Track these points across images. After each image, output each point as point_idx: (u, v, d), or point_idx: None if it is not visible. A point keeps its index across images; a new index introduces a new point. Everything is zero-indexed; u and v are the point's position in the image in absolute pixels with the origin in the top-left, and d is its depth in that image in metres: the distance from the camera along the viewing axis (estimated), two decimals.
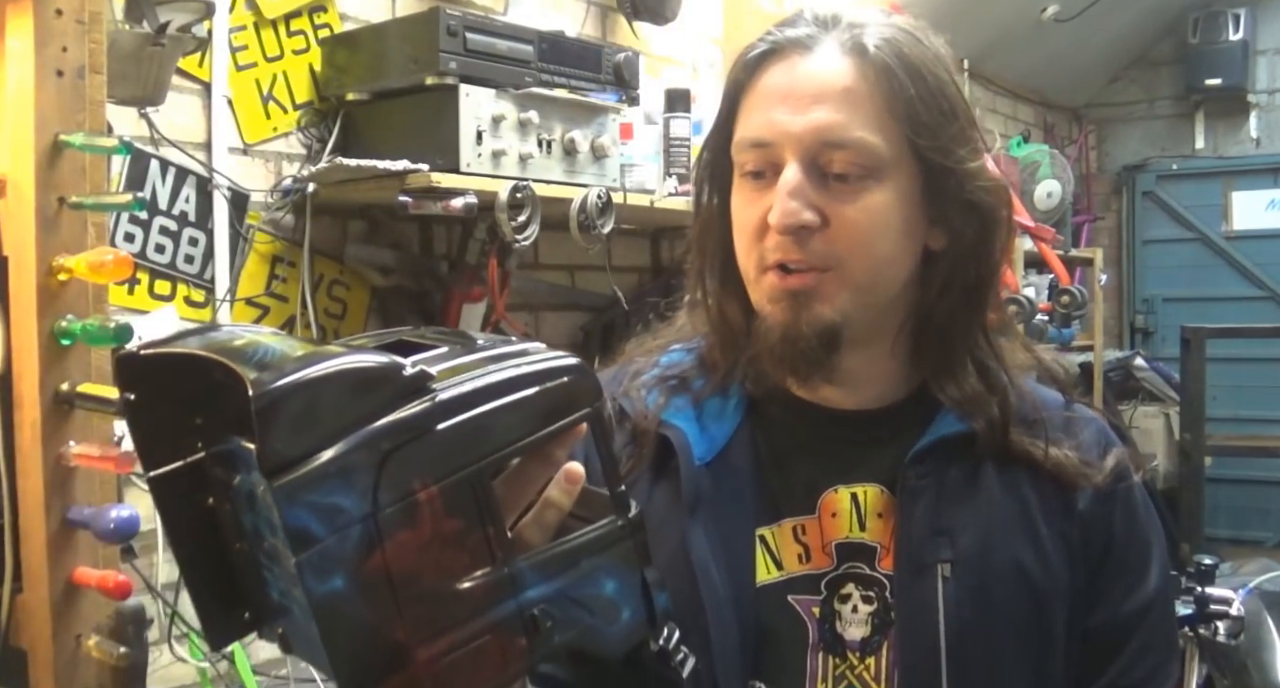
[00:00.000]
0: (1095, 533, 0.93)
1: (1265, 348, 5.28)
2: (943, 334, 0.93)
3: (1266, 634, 2.14)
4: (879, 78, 0.87)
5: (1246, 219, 5.63)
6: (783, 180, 0.86)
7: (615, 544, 0.69)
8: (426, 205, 1.96)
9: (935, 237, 0.91)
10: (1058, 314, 3.92)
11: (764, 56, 0.90)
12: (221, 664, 1.92)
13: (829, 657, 0.90)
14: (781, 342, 0.88)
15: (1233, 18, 5.42)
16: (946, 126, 0.88)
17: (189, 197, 1.98)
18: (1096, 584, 0.93)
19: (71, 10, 1.38)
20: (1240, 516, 5.35)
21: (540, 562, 0.65)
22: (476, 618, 0.62)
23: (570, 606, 0.66)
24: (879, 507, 0.92)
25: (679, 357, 0.99)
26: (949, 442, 0.91)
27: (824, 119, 0.86)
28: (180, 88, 1.94)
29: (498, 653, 0.63)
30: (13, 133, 1.37)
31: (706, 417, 0.94)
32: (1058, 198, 4.43)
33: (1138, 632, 0.94)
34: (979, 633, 0.88)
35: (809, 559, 0.92)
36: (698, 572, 0.88)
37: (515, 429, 0.64)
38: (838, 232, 0.86)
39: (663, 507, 0.91)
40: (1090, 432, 0.97)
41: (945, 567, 0.88)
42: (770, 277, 0.88)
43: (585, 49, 2.28)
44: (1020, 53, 4.85)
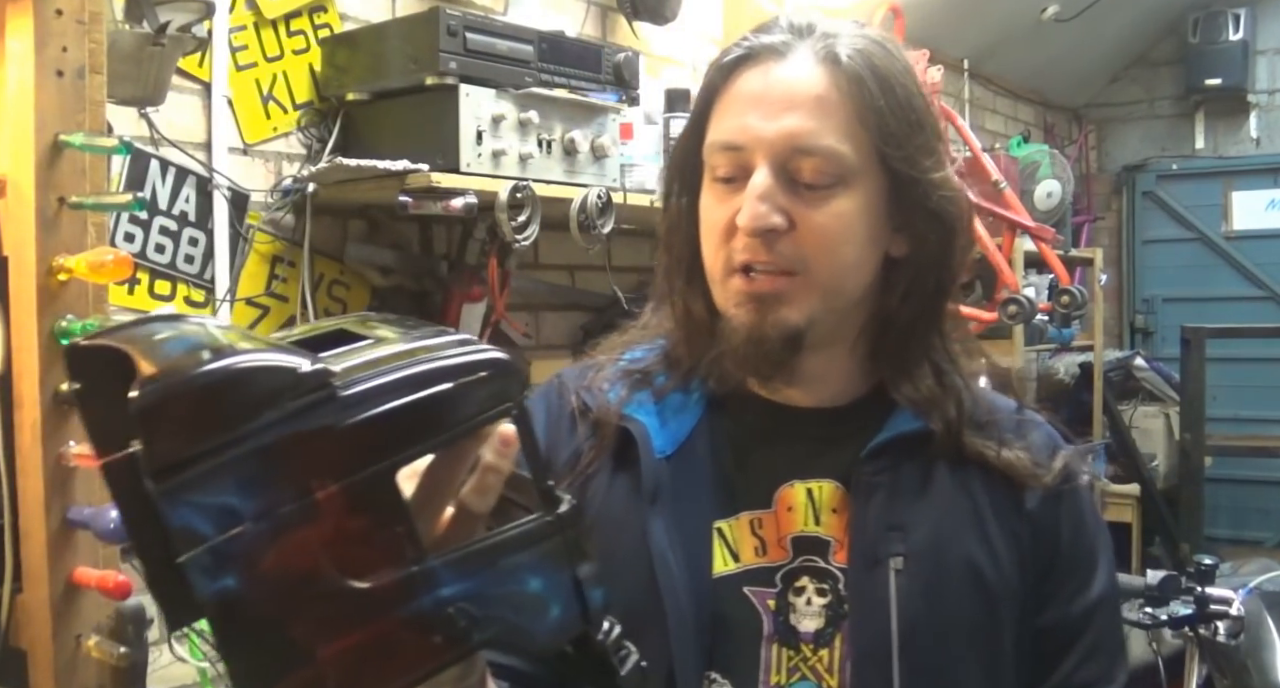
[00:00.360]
0: (1044, 533, 0.96)
1: (1265, 348, 5.28)
2: (902, 338, 0.95)
3: (1266, 634, 2.14)
4: (850, 87, 0.89)
5: (1246, 219, 5.63)
6: (752, 183, 0.88)
7: (540, 541, 0.67)
8: (426, 205, 1.96)
9: (898, 244, 0.94)
10: (1058, 314, 3.91)
11: (739, 61, 0.92)
12: (221, 664, 1.91)
13: (783, 648, 0.92)
14: (746, 343, 0.90)
15: (1233, 18, 5.42)
16: (913, 137, 0.91)
17: (189, 196, 1.98)
18: (1046, 585, 0.95)
19: (71, 10, 1.38)
20: (1240, 516, 5.35)
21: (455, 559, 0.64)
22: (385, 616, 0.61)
23: (490, 604, 0.65)
24: (834, 502, 0.94)
25: (643, 353, 1.01)
26: (904, 440, 0.94)
27: (795, 125, 0.88)
28: (180, 88, 1.94)
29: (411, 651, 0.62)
30: (13, 133, 1.37)
31: (668, 411, 0.96)
32: (1058, 198, 4.43)
33: (1086, 633, 0.96)
34: (930, 627, 0.90)
35: (765, 552, 0.94)
36: (656, 563, 0.90)
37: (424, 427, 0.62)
38: (804, 236, 0.89)
39: (623, 498, 0.93)
40: (1040, 434, 1.00)
41: (897, 561, 0.90)
42: (736, 279, 0.90)
43: (585, 49, 2.28)
44: (1020, 53, 4.85)
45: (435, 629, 0.63)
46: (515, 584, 0.66)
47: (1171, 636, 2.23)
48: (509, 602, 0.66)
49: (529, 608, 0.67)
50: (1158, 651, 2.26)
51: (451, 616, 0.63)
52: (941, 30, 4.21)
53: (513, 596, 0.66)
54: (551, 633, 0.68)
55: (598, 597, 0.69)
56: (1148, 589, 2.17)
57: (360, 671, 0.61)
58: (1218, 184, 5.69)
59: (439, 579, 0.63)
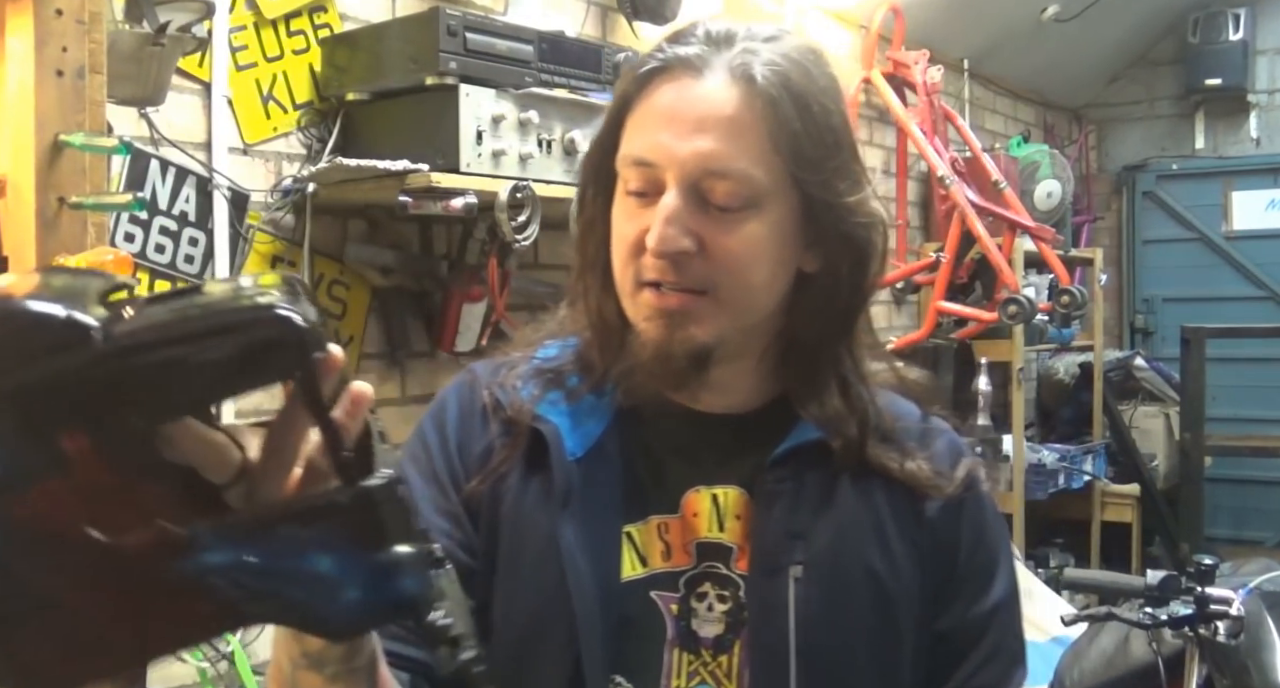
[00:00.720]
0: (944, 541, 0.96)
1: (1265, 348, 5.27)
2: (809, 354, 0.96)
3: (1266, 634, 2.13)
4: (765, 109, 0.87)
5: (1246, 219, 5.63)
6: (662, 205, 0.87)
7: (333, 516, 0.63)
8: (426, 205, 1.96)
9: (808, 260, 0.93)
10: (1058, 314, 3.91)
11: (654, 73, 0.90)
12: (221, 664, 1.92)
13: (684, 653, 0.93)
14: (654, 359, 0.90)
15: (1233, 18, 5.42)
16: (829, 160, 0.90)
17: (189, 197, 1.98)
18: (945, 591, 0.96)
19: (71, 10, 1.38)
20: (1240, 516, 5.35)
21: (226, 526, 0.61)
22: (143, 576, 0.60)
23: (268, 577, 0.61)
24: (737, 509, 0.95)
25: (555, 351, 1.01)
26: (807, 448, 0.94)
27: (707, 147, 0.86)
28: (180, 88, 1.94)
29: (174, 615, 0.61)
30: (13, 133, 1.37)
31: (580, 413, 0.96)
32: (1057, 198, 4.43)
33: (985, 637, 0.97)
34: (828, 634, 0.90)
35: (670, 557, 0.94)
36: (566, 566, 0.90)
37: (188, 384, 0.59)
38: (714, 259, 0.88)
39: (534, 500, 0.93)
40: (942, 442, 1.00)
41: (797, 569, 0.91)
42: (646, 293, 0.90)
43: (585, 49, 2.28)
44: (1020, 53, 4.85)
45: (200, 596, 0.61)
46: (299, 560, 0.62)
47: (1171, 636, 2.23)
48: (292, 578, 0.62)
49: (318, 588, 0.63)
50: (1158, 651, 2.26)
51: (217, 585, 0.61)
52: (941, 30, 4.21)
53: (296, 571, 0.62)
54: (347, 617, 0.64)
55: (409, 586, 0.64)
56: (1148, 589, 2.17)
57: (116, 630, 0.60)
58: (1218, 184, 5.69)
59: (203, 544, 0.60)
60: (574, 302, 1.00)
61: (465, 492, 0.94)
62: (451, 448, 0.96)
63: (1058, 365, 5.05)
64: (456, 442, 0.97)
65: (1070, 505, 4.67)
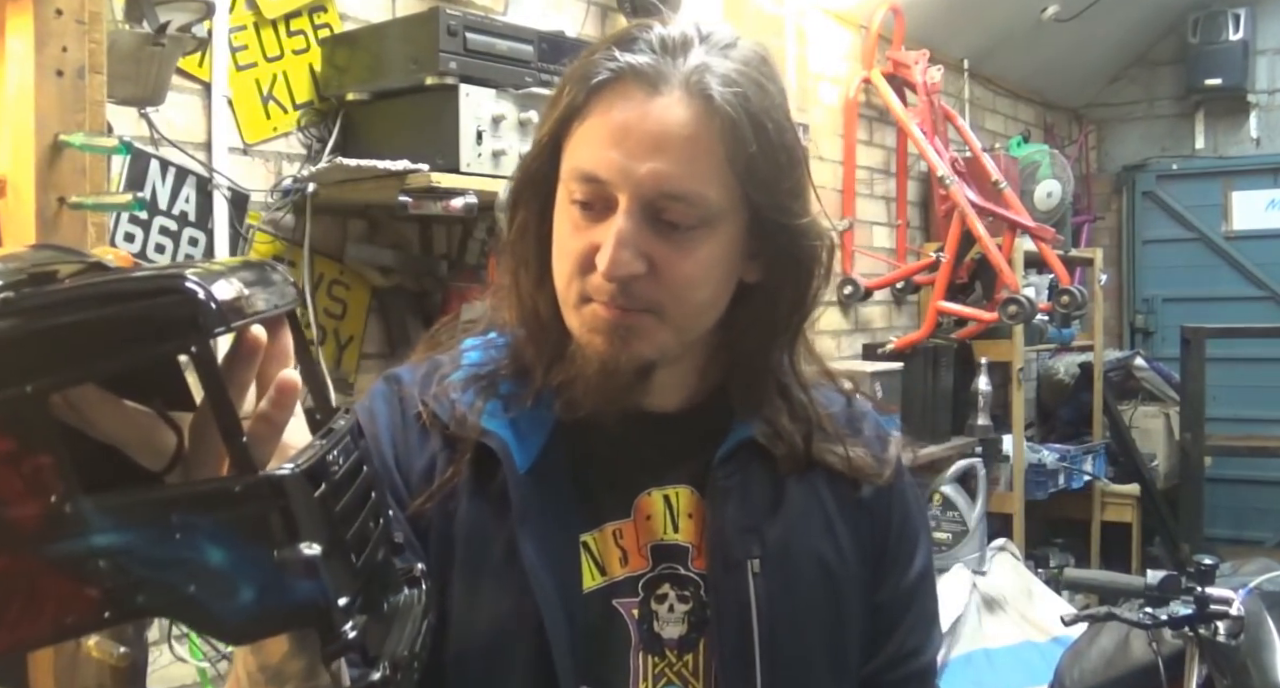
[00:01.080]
0: (878, 520, 1.00)
1: (1265, 348, 5.28)
2: (750, 363, 0.96)
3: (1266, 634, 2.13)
4: (723, 130, 0.85)
5: (1246, 219, 5.63)
6: (616, 228, 0.84)
7: (228, 507, 0.58)
8: (426, 205, 1.96)
9: (751, 271, 0.93)
10: (1058, 314, 3.92)
11: (605, 84, 0.86)
12: (221, 664, 1.92)
13: (649, 656, 0.93)
14: (599, 374, 0.88)
15: (1233, 18, 5.42)
16: (783, 181, 0.89)
17: (189, 196, 1.98)
18: (881, 566, 1.00)
19: (71, 10, 1.38)
20: (1240, 516, 5.35)
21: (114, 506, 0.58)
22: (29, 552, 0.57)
23: (157, 566, 0.58)
24: (689, 508, 0.95)
25: (481, 353, 0.98)
26: (752, 442, 0.95)
27: (663, 169, 0.84)
28: (180, 88, 1.94)
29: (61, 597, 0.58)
30: (13, 133, 1.37)
31: (522, 423, 0.93)
32: (1058, 198, 4.43)
33: (914, 605, 1.01)
34: (788, 624, 0.92)
35: (627, 563, 0.94)
36: (532, 581, 0.88)
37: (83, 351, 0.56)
38: (664, 280, 0.86)
39: (487, 516, 0.90)
40: (869, 425, 1.03)
41: (755, 563, 0.92)
42: (593, 307, 0.88)
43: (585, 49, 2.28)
44: (1020, 53, 4.85)
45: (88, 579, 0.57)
46: (189, 550, 0.58)
47: (1171, 636, 2.23)
48: (182, 568, 0.58)
49: (210, 583, 0.58)
50: (1158, 651, 2.26)
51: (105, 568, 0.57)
52: (941, 30, 4.21)
53: (186, 563, 0.58)
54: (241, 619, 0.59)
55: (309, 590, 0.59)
56: (1148, 589, 2.17)
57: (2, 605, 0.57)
58: (1218, 184, 5.69)
59: (90, 524, 0.57)
60: (505, 299, 0.97)
61: (411, 510, 0.91)
62: (389, 463, 0.93)
63: (1058, 365, 5.05)
64: (394, 456, 0.93)
65: (1070, 505, 4.67)
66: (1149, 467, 4.94)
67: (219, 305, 0.57)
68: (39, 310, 0.56)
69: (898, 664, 1.00)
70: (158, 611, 0.60)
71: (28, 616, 0.58)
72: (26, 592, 0.57)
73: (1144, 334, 5.88)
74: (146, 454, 0.63)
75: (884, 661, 0.99)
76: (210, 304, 0.57)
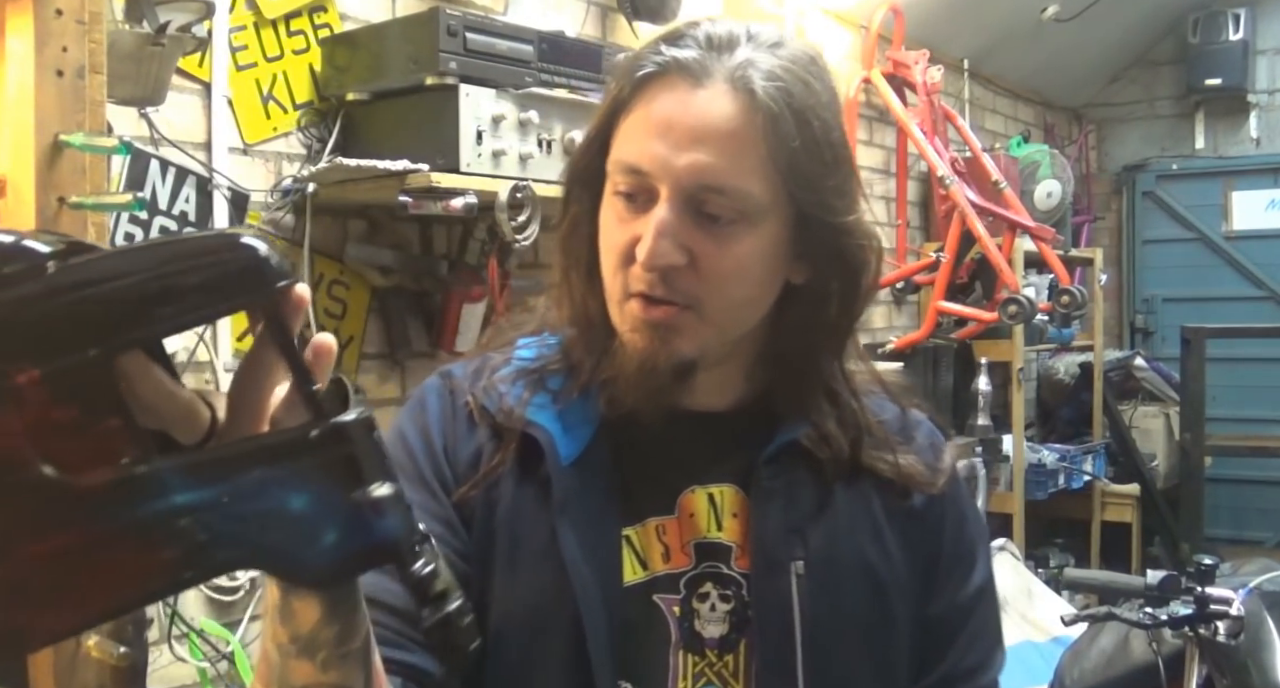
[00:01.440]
0: (931, 529, 0.98)
1: (1265, 348, 5.28)
2: (798, 367, 0.95)
3: (1266, 634, 2.13)
4: (766, 124, 0.85)
5: (1246, 219, 5.63)
6: (656, 218, 0.85)
7: (302, 455, 0.59)
8: (426, 205, 1.96)
9: (797, 271, 0.92)
10: (1058, 314, 3.91)
11: (651, 77, 0.87)
12: (221, 664, 1.92)
13: (689, 655, 0.92)
14: (638, 372, 0.89)
15: (1233, 18, 5.42)
16: (827, 178, 0.88)
17: (189, 197, 1.98)
18: (931, 578, 0.97)
19: (71, 10, 1.38)
20: (1240, 516, 5.35)
21: (191, 464, 0.58)
22: (103, 519, 0.56)
23: (237, 520, 0.58)
24: (734, 507, 0.94)
25: (534, 350, 0.99)
26: (799, 446, 0.94)
27: (704, 161, 0.84)
28: (180, 88, 1.94)
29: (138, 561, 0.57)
30: (13, 133, 1.37)
31: (569, 416, 0.94)
32: (1058, 198, 4.44)
33: (971, 620, 0.99)
34: (831, 628, 0.91)
35: (670, 559, 0.94)
36: (570, 573, 0.88)
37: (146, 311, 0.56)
38: (704, 273, 0.87)
39: (529, 506, 0.91)
40: (923, 433, 1.01)
41: (799, 565, 0.91)
42: (633, 304, 0.88)
43: (585, 49, 2.28)
44: (1020, 53, 4.85)
45: (165, 542, 0.57)
46: (270, 500, 0.59)
47: (1171, 636, 2.23)
48: (263, 519, 0.59)
49: (293, 530, 0.59)
50: (1158, 651, 2.26)
51: (185, 528, 0.57)
52: (941, 30, 4.21)
53: (268, 512, 0.59)
54: (326, 562, 0.61)
55: (390, 527, 0.61)
56: (1148, 589, 2.17)
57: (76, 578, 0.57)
58: (1218, 184, 5.69)
59: (168, 485, 0.57)
60: (558, 299, 0.98)
61: (456, 497, 0.92)
62: (438, 452, 0.94)
63: (1058, 365, 5.05)
64: (442, 445, 0.94)
65: (1070, 505, 4.67)
66: (1149, 467, 4.94)
67: (278, 261, 0.58)
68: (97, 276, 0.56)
69: (954, 682, 0.97)
70: (241, 563, 0.61)
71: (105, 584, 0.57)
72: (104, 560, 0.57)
73: (1144, 334, 5.88)
74: (181, 427, 0.63)
75: (939, 678, 0.97)
76: (272, 258, 0.58)
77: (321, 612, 0.68)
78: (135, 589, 0.59)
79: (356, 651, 0.71)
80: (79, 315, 0.56)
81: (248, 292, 0.58)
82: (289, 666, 0.70)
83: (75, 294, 0.56)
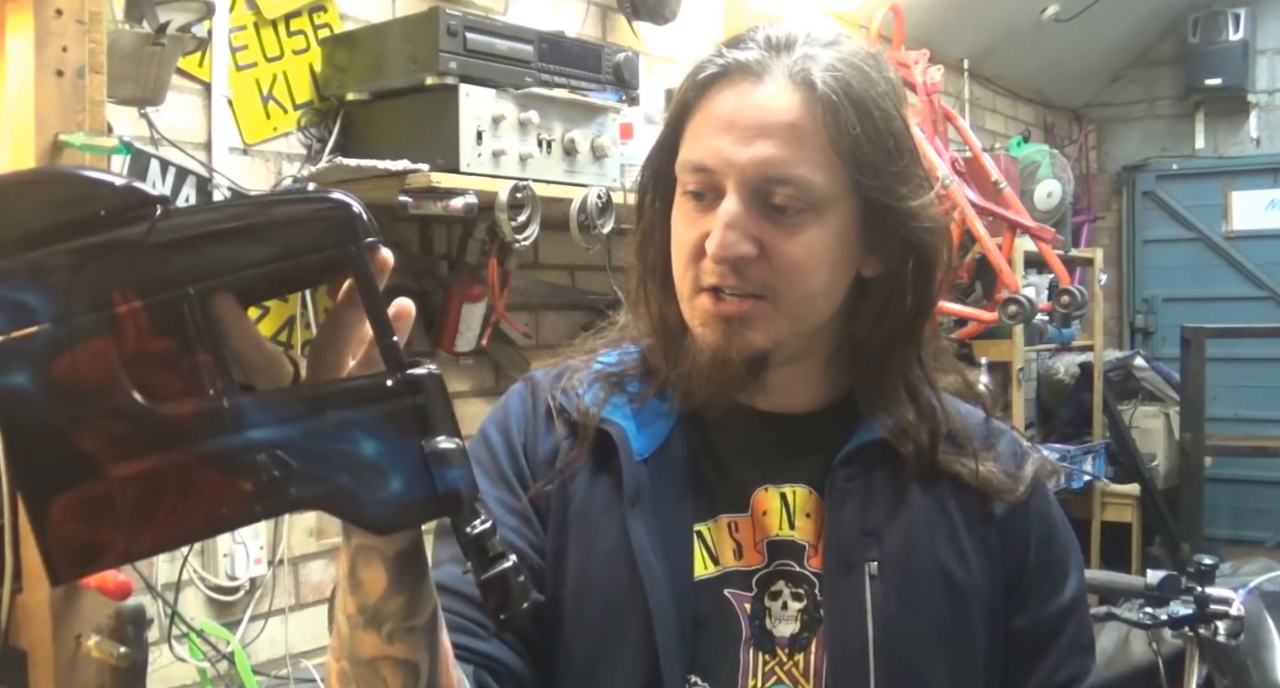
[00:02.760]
0: (1013, 540, 0.97)
1: (1265, 348, 5.28)
2: (875, 359, 0.95)
3: (1266, 634, 2.14)
4: (825, 114, 0.87)
5: (1246, 219, 5.63)
6: (723, 210, 0.87)
7: (379, 401, 0.62)
8: (426, 205, 1.96)
9: (869, 265, 0.93)
10: (1058, 314, 3.91)
11: (713, 79, 0.90)
12: (221, 664, 1.92)
13: (759, 653, 0.92)
14: (711, 365, 0.90)
15: (1233, 18, 5.42)
16: (890, 165, 0.89)
17: (189, 197, 1.98)
18: (1018, 590, 0.97)
19: (71, 10, 1.38)
20: (1240, 516, 5.35)
21: (272, 401, 0.61)
22: (186, 447, 0.59)
23: (312, 459, 0.61)
24: (807, 507, 0.95)
25: (615, 358, 1.01)
26: (874, 447, 0.94)
27: (768, 153, 0.86)
28: (180, 88, 1.94)
29: (215, 490, 0.60)
30: (13, 133, 1.37)
31: (644, 415, 0.96)
32: (1058, 198, 4.43)
33: (1062, 634, 0.98)
34: (904, 631, 0.90)
35: (742, 556, 0.94)
36: (640, 564, 0.90)
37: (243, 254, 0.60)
38: (774, 263, 0.88)
39: (602, 500, 0.93)
40: (1005, 442, 1.01)
41: (873, 566, 0.91)
42: (704, 299, 0.90)
43: (585, 49, 2.28)
44: (1020, 53, 4.85)
45: (243, 473, 0.60)
46: (344, 442, 0.62)
47: (1171, 636, 2.23)
48: (336, 460, 0.62)
49: (363, 474, 0.62)
50: (1158, 651, 2.26)
51: (262, 462, 0.60)
52: (941, 30, 4.20)
53: (341, 454, 0.62)
54: (390, 508, 0.63)
55: (454, 478, 0.64)
56: (1148, 589, 2.17)
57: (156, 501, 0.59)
58: (1218, 184, 5.69)
59: (248, 419, 0.60)
60: (635, 308, 1.00)
61: (532, 492, 0.95)
62: (517, 449, 0.97)
63: (1058, 365, 5.05)
64: (521, 443, 0.97)
65: (1070, 505, 4.66)
66: (1149, 467, 4.94)
67: (370, 218, 0.62)
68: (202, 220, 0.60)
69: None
70: (309, 502, 0.63)
71: (182, 510, 0.60)
72: (183, 486, 0.60)
73: (1144, 334, 5.88)
74: (264, 378, 0.65)
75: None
76: (364, 214, 0.62)
77: (388, 581, 0.71)
78: (209, 517, 0.61)
79: (423, 626, 0.73)
80: (179, 255, 0.59)
81: (338, 243, 0.62)
82: (357, 637, 0.73)
83: (179, 234, 0.59)
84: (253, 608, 2.03)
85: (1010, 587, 0.96)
